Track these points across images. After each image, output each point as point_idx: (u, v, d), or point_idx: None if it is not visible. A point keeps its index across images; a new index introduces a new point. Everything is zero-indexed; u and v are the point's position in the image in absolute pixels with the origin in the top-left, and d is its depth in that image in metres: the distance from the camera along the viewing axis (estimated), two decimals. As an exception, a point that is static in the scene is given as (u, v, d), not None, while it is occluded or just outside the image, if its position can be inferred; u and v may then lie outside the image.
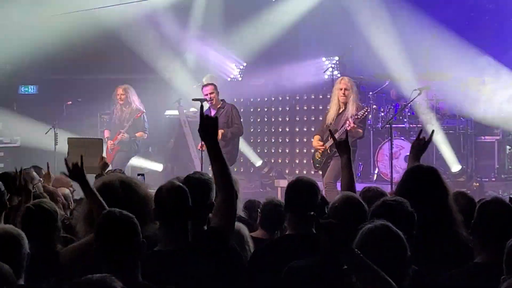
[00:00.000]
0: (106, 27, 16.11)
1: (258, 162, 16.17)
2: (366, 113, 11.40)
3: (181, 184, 4.92)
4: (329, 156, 11.37)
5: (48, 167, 8.17)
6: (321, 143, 11.57)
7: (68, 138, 9.19)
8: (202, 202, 5.01)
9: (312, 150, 11.95)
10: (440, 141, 13.59)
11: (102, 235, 4.24)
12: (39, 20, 15.56)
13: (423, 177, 5.39)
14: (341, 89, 11.44)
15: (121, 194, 4.96)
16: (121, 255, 4.16)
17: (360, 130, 11.29)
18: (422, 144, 6.43)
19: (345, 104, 11.39)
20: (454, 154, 13.70)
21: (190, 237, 4.78)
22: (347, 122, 11.09)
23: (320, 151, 11.56)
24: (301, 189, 5.27)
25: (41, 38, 15.64)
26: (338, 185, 8.75)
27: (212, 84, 12.94)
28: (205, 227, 5.07)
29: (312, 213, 4.71)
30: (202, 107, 5.10)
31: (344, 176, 6.18)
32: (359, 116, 11.18)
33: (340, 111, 11.44)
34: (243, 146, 13.20)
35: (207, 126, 4.85)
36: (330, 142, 11.05)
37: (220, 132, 12.26)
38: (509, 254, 3.98)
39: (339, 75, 15.68)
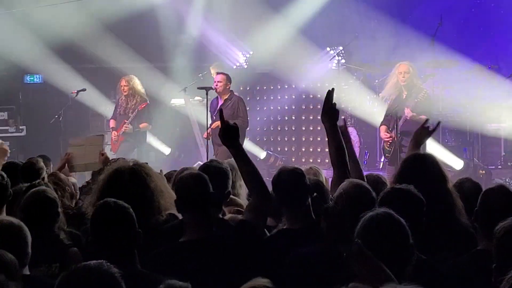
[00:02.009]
0: (110, 15, 16.09)
1: (262, 154, 16.06)
2: (425, 95, 11.24)
3: (200, 171, 4.98)
4: (399, 146, 11.17)
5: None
6: (388, 134, 11.47)
7: (70, 140, 9.21)
8: (219, 190, 5.02)
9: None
10: (434, 146, 13.16)
11: (97, 226, 4.26)
12: (44, 9, 15.55)
13: (420, 164, 5.38)
14: (400, 73, 11.38)
15: (129, 184, 4.93)
16: (116, 245, 4.18)
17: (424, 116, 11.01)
18: (426, 132, 6.37)
19: (408, 89, 11.33)
20: (452, 152, 13.55)
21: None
22: (406, 110, 11.04)
23: (388, 142, 11.46)
24: (287, 184, 5.14)
25: (46, 27, 15.64)
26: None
27: (225, 74, 12.99)
28: (221, 216, 5.12)
29: (315, 194, 4.71)
30: (221, 112, 5.09)
31: (330, 146, 5.52)
32: (418, 99, 11.10)
33: (404, 97, 11.37)
34: (246, 142, 13.16)
35: (228, 133, 4.92)
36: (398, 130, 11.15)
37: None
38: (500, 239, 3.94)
39: (345, 64, 15.70)
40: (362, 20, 16.65)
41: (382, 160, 13.87)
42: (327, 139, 5.48)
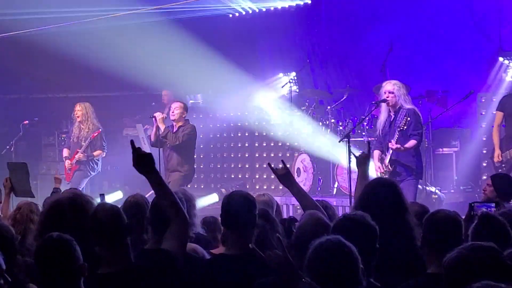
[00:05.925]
0: (62, 45, 16.01)
1: (214, 199, 15.77)
2: (408, 119, 10.54)
3: (112, 204, 4.92)
4: (392, 173, 10.58)
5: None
6: (379, 164, 10.74)
7: (8, 163, 9.09)
8: (139, 222, 5.00)
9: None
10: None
11: (40, 259, 4.26)
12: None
13: (382, 190, 5.41)
14: (384, 93, 10.85)
15: (69, 215, 4.91)
16: (60, 278, 4.16)
17: (413, 141, 10.59)
18: (361, 158, 6.86)
19: (394, 110, 10.80)
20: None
21: (132, 258, 4.76)
22: (390, 144, 10.53)
23: (382, 172, 10.67)
24: (236, 206, 5.09)
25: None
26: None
27: (182, 102, 13.00)
28: (145, 247, 5.07)
29: (277, 235, 4.73)
30: (132, 142, 4.97)
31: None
32: (401, 127, 10.52)
33: (392, 119, 10.87)
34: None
35: (142, 161, 4.86)
36: (388, 157, 10.64)
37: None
38: (448, 269, 3.94)
39: (297, 90, 15.79)
40: (314, 46, 16.79)
41: (336, 186, 13.91)
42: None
